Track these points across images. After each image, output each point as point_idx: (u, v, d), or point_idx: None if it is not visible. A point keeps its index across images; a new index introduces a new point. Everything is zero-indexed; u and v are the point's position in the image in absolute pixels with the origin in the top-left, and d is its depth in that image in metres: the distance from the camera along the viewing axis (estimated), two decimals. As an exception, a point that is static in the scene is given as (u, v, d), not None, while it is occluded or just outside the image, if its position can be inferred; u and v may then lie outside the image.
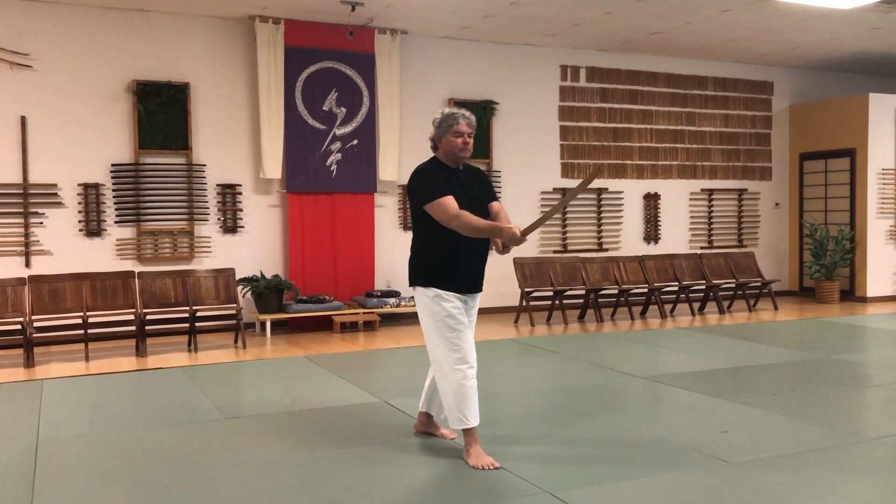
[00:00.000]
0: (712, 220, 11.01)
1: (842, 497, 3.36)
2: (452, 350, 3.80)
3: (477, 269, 3.96)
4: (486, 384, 5.55)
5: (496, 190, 9.43)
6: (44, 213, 7.70)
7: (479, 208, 3.93)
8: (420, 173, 3.93)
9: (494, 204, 4.07)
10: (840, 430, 4.33)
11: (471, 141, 3.93)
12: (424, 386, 4.23)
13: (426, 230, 3.90)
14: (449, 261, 3.86)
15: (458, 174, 3.96)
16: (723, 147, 11.03)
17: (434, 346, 3.89)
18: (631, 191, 10.45)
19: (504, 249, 3.88)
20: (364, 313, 8.37)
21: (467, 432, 3.84)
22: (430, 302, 3.86)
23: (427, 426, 4.30)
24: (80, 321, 7.04)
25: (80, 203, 7.81)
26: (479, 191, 4.03)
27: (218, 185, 8.35)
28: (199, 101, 8.24)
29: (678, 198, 10.76)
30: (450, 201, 3.77)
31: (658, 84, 10.56)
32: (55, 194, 7.72)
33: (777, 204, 11.52)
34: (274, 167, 8.38)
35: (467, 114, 3.94)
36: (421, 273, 3.92)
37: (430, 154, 4.08)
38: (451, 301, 3.83)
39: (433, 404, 4.19)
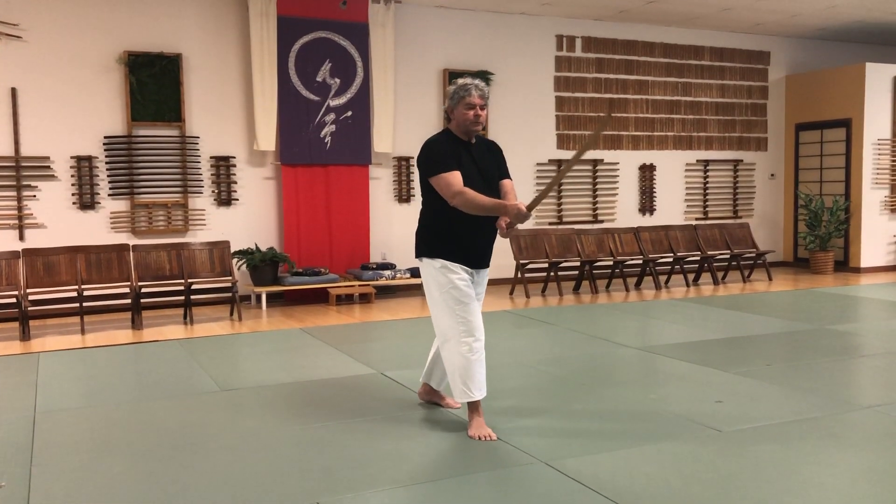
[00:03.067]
0: (707, 191, 11.00)
1: (834, 465, 3.39)
2: (458, 322, 3.75)
3: (485, 244, 3.89)
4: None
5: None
6: (37, 186, 7.65)
7: (489, 184, 3.85)
8: (429, 145, 3.83)
9: (506, 182, 3.96)
10: (833, 400, 4.36)
11: (483, 113, 3.81)
12: (428, 358, 4.26)
13: (435, 202, 3.81)
14: (456, 235, 3.79)
15: (469, 147, 3.86)
16: (719, 117, 11.00)
17: (440, 317, 3.82)
18: (626, 162, 10.42)
19: (508, 230, 3.74)
20: (360, 286, 8.38)
21: (471, 404, 3.85)
22: (436, 273, 3.80)
23: (431, 395, 4.34)
24: (75, 294, 7.03)
25: (73, 176, 7.77)
26: (492, 166, 3.92)
27: (212, 158, 8.31)
28: (191, 72, 8.16)
29: (674, 169, 10.74)
30: (454, 177, 3.68)
31: (654, 54, 10.49)
32: (48, 167, 7.67)
33: (772, 175, 11.51)
34: (268, 139, 8.33)
35: (480, 84, 3.82)
36: (428, 244, 3.86)
37: (426, 124, 4.10)
38: (457, 273, 3.77)
39: (433, 375, 4.22)
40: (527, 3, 9.19)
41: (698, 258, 9.81)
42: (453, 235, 3.79)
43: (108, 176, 7.89)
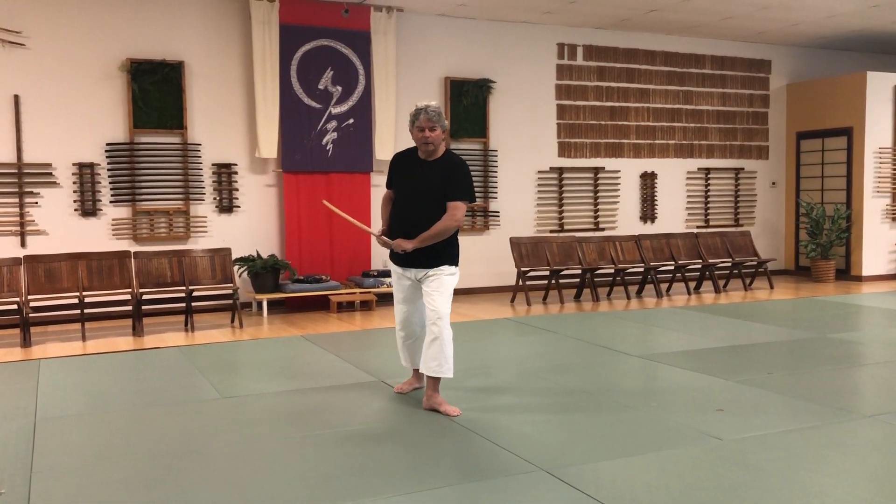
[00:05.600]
0: (709, 200, 11.01)
1: (836, 474, 3.39)
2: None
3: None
4: (483, 362, 5.58)
5: (492, 170, 9.44)
6: (39, 193, 7.66)
7: (434, 200, 4.28)
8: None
9: (448, 203, 4.32)
10: (834, 408, 4.36)
11: (432, 134, 4.28)
12: (421, 351, 4.50)
13: None
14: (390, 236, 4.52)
15: (424, 164, 4.36)
16: (720, 126, 11.01)
17: None
18: (628, 170, 10.43)
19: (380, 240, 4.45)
20: (360, 293, 8.38)
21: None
22: None
23: (432, 403, 4.37)
24: (76, 301, 7.04)
25: (75, 183, 7.78)
26: (438, 185, 4.29)
27: (213, 165, 8.32)
28: (193, 79, 8.18)
29: (675, 177, 10.75)
30: (385, 193, 4.59)
31: (655, 62, 10.51)
32: (50, 174, 7.69)
33: (774, 183, 11.51)
34: (269, 146, 8.35)
35: (430, 109, 4.29)
36: None
37: None
38: (392, 270, 4.54)
39: (416, 360, 4.62)
40: (528, 12, 9.22)
41: (699, 266, 9.81)
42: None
43: (109, 183, 7.90)
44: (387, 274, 8.57)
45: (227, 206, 8.38)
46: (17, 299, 6.81)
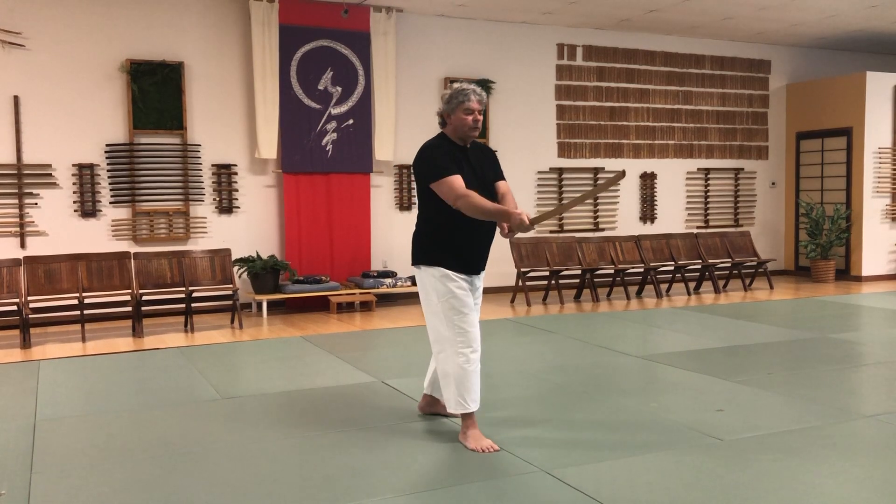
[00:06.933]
0: (708, 200, 11.01)
1: (836, 474, 3.39)
2: (457, 333, 3.70)
3: (483, 249, 3.89)
4: (483, 364, 5.53)
5: (492, 169, 9.44)
6: (38, 194, 7.66)
7: (486, 187, 3.81)
8: (427, 150, 3.78)
9: (501, 184, 3.95)
10: (835, 409, 4.35)
11: (481, 118, 3.78)
12: (429, 369, 4.19)
13: (433, 208, 3.76)
14: (456, 241, 3.75)
15: (466, 152, 3.82)
16: (719, 126, 11.01)
17: (437, 326, 3.77)
18: (627, 170, 10.36)
19: (509, 233, 3.77)
20: (360, 294, 8.38)
21: (465, 416, 3.79)
22: (436, 282, 3.75)
23: (433, 407, 4.29)
24: (76, 302, 7.03)
25: (74, 184, 7.78)
26: (488, 169, 3.91)
27: (213, 165, 8.32)
28: (193, 80, 8.18)
29: (675, 177, 10.74)
30: (457, 181, 3.64)
31: (655, 63, 10.51)
32: (49, 175, 7.68)
33: (773, 183, 11.51)
34: (269, 147, 8.35)
35: (478, 90, 3.77)
36: (427, 252, 3.80)
37: (427, 133, 4.04)
38: (457, 281, 3.73)
39: (437, 387, 4.09)
40: (528, 12, 9.22)
41: (699, 266, 9.81)
42: (453, 243, 3.75)
43: (109, 184, 7.90)
44: (386, 275, 8.57)
45: (226, 206, 8.38)
46: (17, 300, 6.81)
